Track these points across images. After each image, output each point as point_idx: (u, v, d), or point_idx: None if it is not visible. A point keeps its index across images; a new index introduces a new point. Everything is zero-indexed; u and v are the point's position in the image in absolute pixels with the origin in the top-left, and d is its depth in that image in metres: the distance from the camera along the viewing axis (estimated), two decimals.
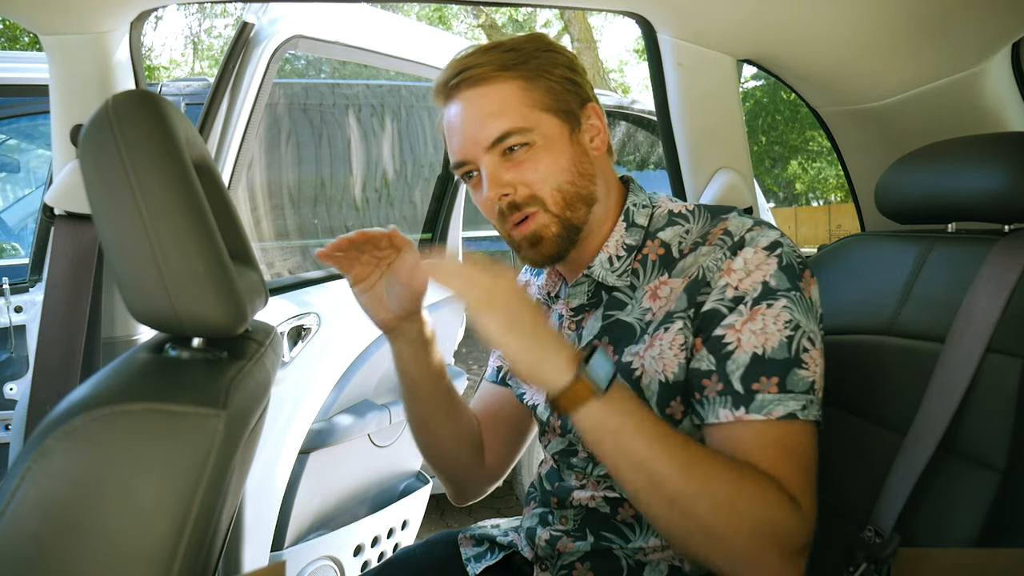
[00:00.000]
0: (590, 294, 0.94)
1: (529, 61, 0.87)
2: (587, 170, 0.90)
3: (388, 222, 2.18)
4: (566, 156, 0.88)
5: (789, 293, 0.79)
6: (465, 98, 0.88)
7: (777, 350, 0.78)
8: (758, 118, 16.29)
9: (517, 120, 0.85)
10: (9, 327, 1.95)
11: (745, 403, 0.77)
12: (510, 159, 0.87)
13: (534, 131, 0.86)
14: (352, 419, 1.78)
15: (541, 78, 0.87)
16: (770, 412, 0.76)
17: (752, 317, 0.79)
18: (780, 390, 0.77)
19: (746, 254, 0.82)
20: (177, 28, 27.76)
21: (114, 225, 0.61)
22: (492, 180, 0.87)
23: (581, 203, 0.89)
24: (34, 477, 0.51)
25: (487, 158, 0.87)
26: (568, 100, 0.89)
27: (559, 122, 0.88)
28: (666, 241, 0.90)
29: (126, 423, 0.53)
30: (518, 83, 0.86)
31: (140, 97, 0.64)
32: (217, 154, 1.46)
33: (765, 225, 0.86)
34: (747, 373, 0.78)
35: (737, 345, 0.79)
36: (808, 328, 0.80)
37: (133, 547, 0.53)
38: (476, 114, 0.87)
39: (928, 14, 1.11)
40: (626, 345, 0.88)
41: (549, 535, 0.95)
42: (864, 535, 0.86)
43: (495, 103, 0.86)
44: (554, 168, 0.87)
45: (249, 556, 1.58)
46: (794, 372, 0.78)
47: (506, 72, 0.86)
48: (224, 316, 0.64)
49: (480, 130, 0.86)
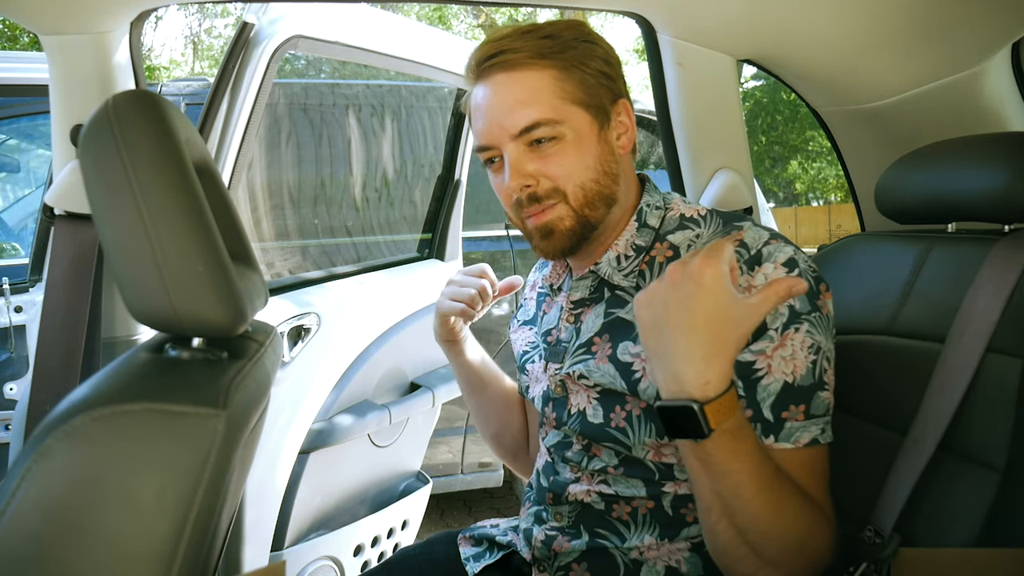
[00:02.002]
0: (592, 289, 0.94)
1: (566, 51, 0.85)
2: (612, 169, 0.89)
3: (388, 222, 2.19)
4: (593, 154, 0.87)
5: (811, 316, 0.79)
6: (497, 81, 0.85)
7: (805, 377, 0.79)
8: (758, 118, 16.29)
9: (548, 111, 0.84)
10: (9, 327, 1.95)
11: (775, 431, 0.78)
12: (536, 150, 0.85)
13: (564, 124, 0.84)
14: (352, 419, 1.78)
15: (576, 69, 0.85)
16: (798, 440, 0.78)
17: (783, 343, 0.78)
18: (806, 417, 0.78)
19: (767, 270, 0.81)
20: (177, 28, 27.77)
21: (114, 225, 0.61)
22: (515, 170, 0.85)
23: (602, 202, 0.88)
24: (34, 477, 0.51)
25: (512, 146, 0.85)
26: (601, 95, 0.87)
27: (589, 117, 0.86)
28: (675, 244, 0.90)
29: (126, 423, 0.53)
30: (552, 72, 0.84)
31: (140, 97, 0.64)
32: (217, 154, 1.46)
33: (781, 239, 0.85)
34: (777, 402, 0.78)
35: (767, 371, 0.79)
36: (827, 348, 0.80)
37: (133, 547, 0.53)
38: (506, 100, 0.85)
39: (928, 14, 1.11)
40: (621, 340, 0.88)
41: (544, 535, 0.95)
42: (864, 535, 0.86)
43: (527, 91, 0.84)
44: (580, 165, 0.86)
45: (249, 556, 1.58)
46: (817, 396, 0.79)
47: (542, 60, 0.84)
48: (224, 316, 0.64)
49: (508, 116, 0.84)
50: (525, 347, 1.06)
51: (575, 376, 0.92)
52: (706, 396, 0.66)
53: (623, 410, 0.88)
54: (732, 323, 0.67)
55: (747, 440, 0.70)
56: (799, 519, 0.73)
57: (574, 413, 0.93)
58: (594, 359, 0.90)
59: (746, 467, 0.69)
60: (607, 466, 0.91)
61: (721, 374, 0.66)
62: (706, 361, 0.66)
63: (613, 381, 0.87)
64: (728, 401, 0.67)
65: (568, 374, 0.93)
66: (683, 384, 0.67)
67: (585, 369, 0.90)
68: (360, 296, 1.84)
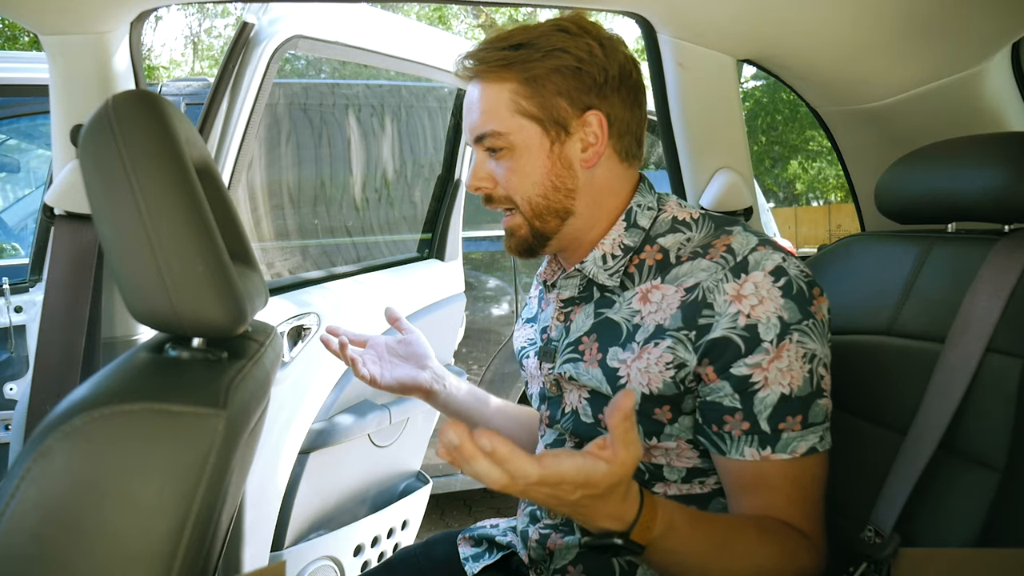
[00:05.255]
0: (580, 288, 0.93)
1: (531, 61, 0.85)
2: (564, 184, 0.88)
3: (388, 222, 2.19)
4: (540, 169, 0.87)
5: (802, 324, 0.79)
6: (471, 86, 0.91)
7: (802, 387, 0.79)
8: (758, 118, 16.28)
9: (497, 124, 0.87)
10: (9, 327, 1.95)
11: (772, 443, 0.79)
12: (494, 158, 0.89)
13: (511, 136, 0.87)
14: (352, 419, 1.78)
15: (534, 83, 0.85)
16: (795, 450, 0.79)
17: (779, 355, 0.78)
18: (803, 426, 0.79)
19: (755, 278, 0.80)
20: (177, 28, 27.76)
21: (114, 225, 0.61)
22: (474, 171, 0.91)
23: (552, 216, 0.89)
24: (34, 477, 0.51)
25: (476, 147, 0.91)
26: (560, 108, 0.86)
27: (540, 132, 0.86)
28: (665, 247, 0.88)
29: (126, 423, 0.53)
30: (511, 85, 0.86)
31: (140, 97, 0.64)
32: (217, 154, 1.46)
33: (770, 245, 0.83)
34: (774, 414, 0.79)
35: (764, 384, 0.79)
36: (822, 354, 0.81)
37: (133, 547, 0.53)
38: (471, 106, 0.90)
39: (928, 14, 1.11)
40: (611, 345, 0.87)
41: (539, 534, 0.95)
42: (864, 535, 0.86)
43: (485, 101, 0.88)
44: (526, 180, 0.88)
45: (249, 556, 1.58)
46: (815, 404, 0.80)
47: (504, 71, 0.86)
48: (224, 316, 0.64)
49: (471, 121, 0.90)
50: (523, 343, 1.06)
51: (566, 376, 0.92)
52: (626, 526, 0.66)
53: None
54: (608, 485, 0.63)
55: (681, 531, 0.70)
56: (769, 559, 0.76)
57: (567, 412, 0.93)
58: (584, 362, 0.90)
59: (690, 550, 0.72)
60: None
61: (626, 505, 0.66)
62: (606, 513, 0.66)
63: (600, 385, 0.87)
64: (647, 517, 0.67)
65: (560, 374, 0.93)
66: (601, 527, 0.67)
67: (575, 371, 0.90)
68: (360, 296, 1.84)
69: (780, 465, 0.79)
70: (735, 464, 0.81)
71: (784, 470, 0.79)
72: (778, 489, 0.80)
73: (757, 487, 0.80)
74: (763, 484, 0.80)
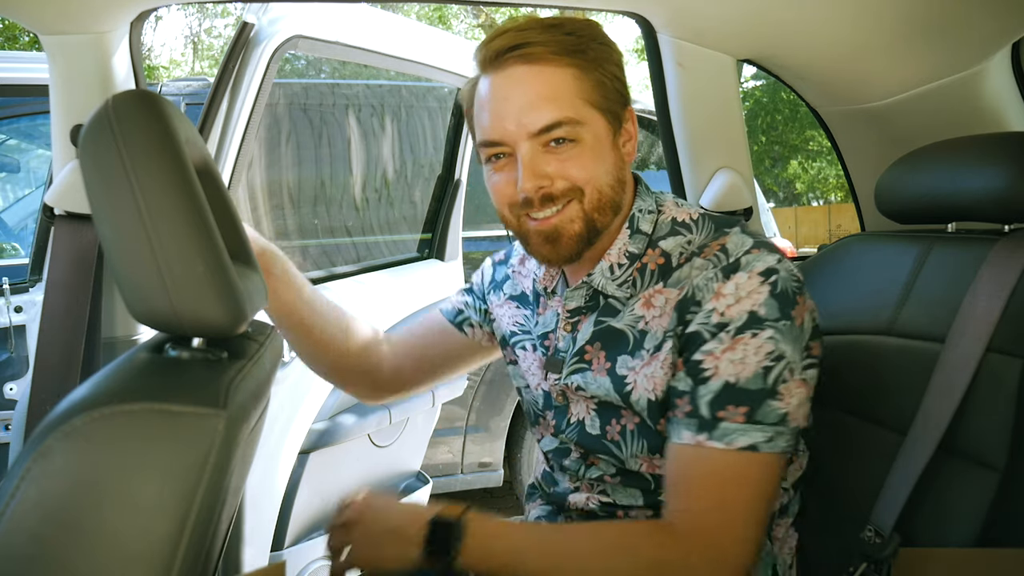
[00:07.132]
0: (587, 298, 0.92)
1: (587, 50, 0.82)
2: (622, 177, 0.87)
3: (388, 222, 2.18)
4: (609, 160, 0.85)
5: (777, 323, 0.78)
6: (515, 74, 0.81)
7: (751, 380, 0.77)
8: (758, 118, 16.27)
9: (570, 111, 0.80)
10: (9, 327, 1.95)
11: (708, 429, 0.77)
12: (553, 151, 0.81)
13: (584, 127, 0.81)
14: (352, 419, 1.78)
15: (595, 71, 0.82)
16: (731, 441, 0.76)
17: (733, 346, 0.78)
18: (747, 420, 0.76)
19: (739, 279, 0.79)
20: (177, 28, 27.77)
21: (114, 225, 0.61)
22: (530, 170, 0.81)
23: (611, 209, 0.86)
24: (34, 477, 0.51)
25: (528, 145, 0.81)
26: (615, 100, 0.85)
27: (606, 122, 0.84)
28: (666, 251, 0.87)
29: (126, 423, 0.53)
30: (573, 71, 0.81)
31: (140, 97, 0.64)
32: (217, 154, 1.46)
33: (765, 248, 0.83)
34: (715, 400, 0.77)
35: (714, 372, 0.78)
36: (792, 359, 0.78)
37: (133, 547, 0.53)
38: (526, 95, 0.80)
39: (928, 14, 1.11)
40: (618, 354, 0.87)
41: None
42: (864, 535, 0.86)
43: (549, 87, 0.80)
44: (598, 171, 0.83)
45: (249, 556, 1.58)
46: (767, 403, 0.77)
47: (565, 57, 0.81)
48: (224, 316, 0.64)
49: (528, 113, 0.80)
50: (513, 327, 1.03)
51: (573, 387, 0.91)
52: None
53: (618, 423, 0.88)
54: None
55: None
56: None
57: (574, 422, 0.93)
58: (592, 371, 0.89)
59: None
60: (604, 475, 0.91)
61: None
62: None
63: (608, 393, 0.87)
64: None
65: (567, 384, 0.92)
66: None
67: (582, 381, 0.90)
68: (360, 296, 1.84)
69: (715, 454, 0.76)
70: (675, 449, 0.80)
71: (717, 460, 0.76)
72: (706, 479, 0.77)
73: (685, 476, 0.79)
74: (693, 473, 0.78)
